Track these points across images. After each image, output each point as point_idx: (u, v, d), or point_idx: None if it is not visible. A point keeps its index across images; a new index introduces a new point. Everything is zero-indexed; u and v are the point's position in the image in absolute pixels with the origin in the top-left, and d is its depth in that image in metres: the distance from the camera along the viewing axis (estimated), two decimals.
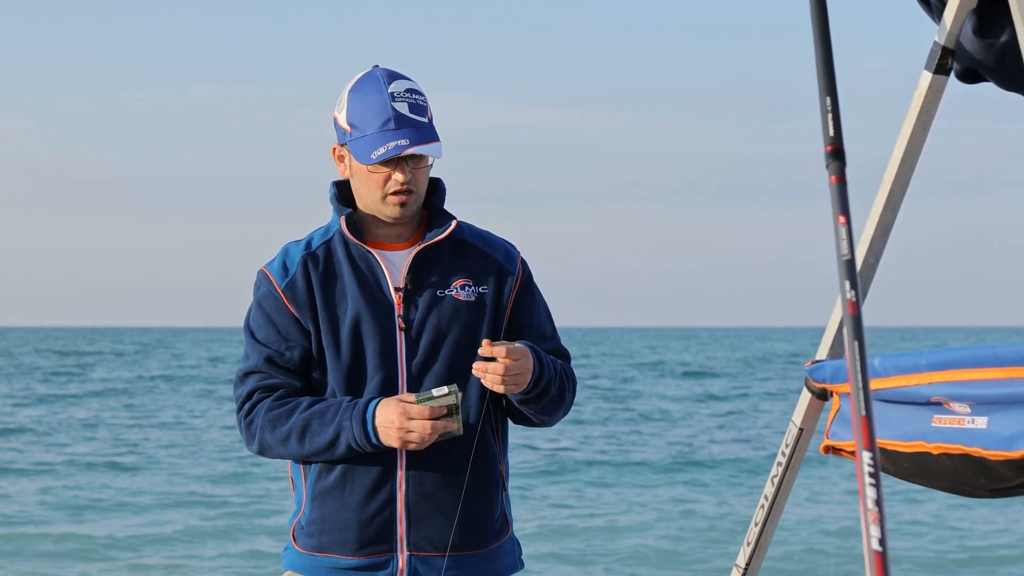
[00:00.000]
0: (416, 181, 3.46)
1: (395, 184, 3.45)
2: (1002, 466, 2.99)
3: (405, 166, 3.44)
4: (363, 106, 3.45)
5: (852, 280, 2.24)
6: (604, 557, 13.63)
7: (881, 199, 3.39)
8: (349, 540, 3.46)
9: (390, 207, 3.47)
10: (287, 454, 3.47)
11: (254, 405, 3.49)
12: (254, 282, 3.54)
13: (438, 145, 3.46)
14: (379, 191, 3.46)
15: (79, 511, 16.47)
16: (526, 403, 3.45)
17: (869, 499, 2.12)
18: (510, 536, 3.59)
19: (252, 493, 17.81)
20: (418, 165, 3.46)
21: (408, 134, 3.41)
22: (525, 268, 3.59)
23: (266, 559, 13.19)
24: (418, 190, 3.48)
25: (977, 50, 3.20)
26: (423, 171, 3.48)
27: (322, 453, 3.43)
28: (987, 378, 2.99)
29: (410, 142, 3.41)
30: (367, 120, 3.44)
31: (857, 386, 2.19)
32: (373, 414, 3.38)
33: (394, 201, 3.46)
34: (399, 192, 3.45)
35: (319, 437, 3.41)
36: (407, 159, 3.44)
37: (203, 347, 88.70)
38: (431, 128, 3.46)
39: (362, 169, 3.47)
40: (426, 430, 3.33)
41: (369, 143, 3.43)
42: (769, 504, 3.62)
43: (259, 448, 3.50)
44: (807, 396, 3.53)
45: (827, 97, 2.37)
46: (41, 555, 13.61)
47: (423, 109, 3.47)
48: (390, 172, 3.44)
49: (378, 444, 3.38)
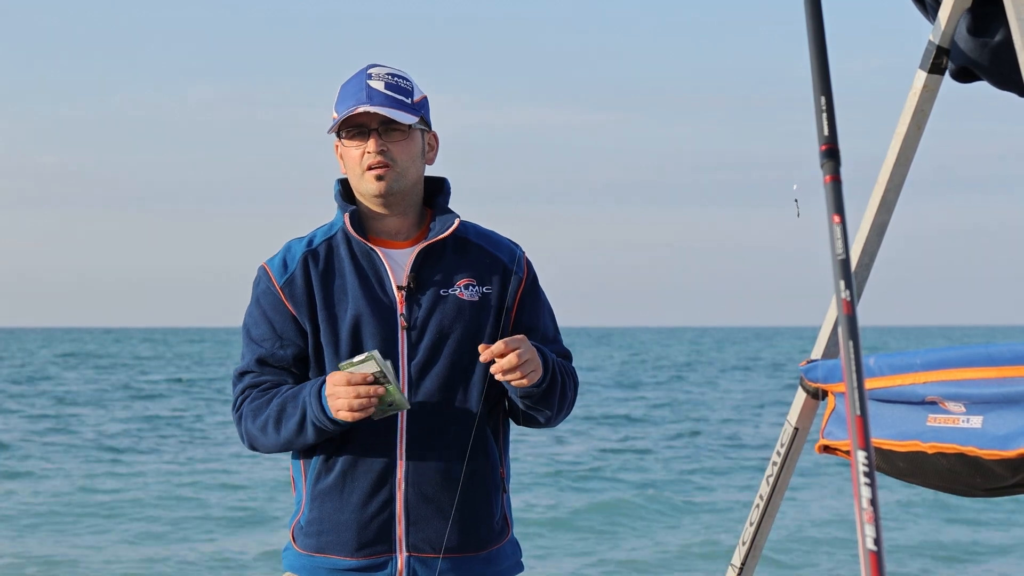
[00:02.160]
0: (393, 155, 3.44)
1: (369, 157, 3.43)
2: (997, 465, 2.99)
3: (376, 137, 3.43)
4: (344, 92, 3.47)
5: (847, 280, 2.24)
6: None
7: (876, 199, 3.39)
8: (348, 541, 3.45)
9: (369, 182, 3.44)
10: (272, 443, 3.45)
11: (243, 402, 3.49)
12: (254, 278, 3.54)
13: (407, 115, 3.43)
14: (358, 167, 3.45)
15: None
16: (534, 399, 3.42)
17: (864, 499, 2.12)
18: (510, 538, 3.58)
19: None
20: (392, 139, 3.44)
21: (373, 101, 3.41)
22: (530, 269, 3.57)
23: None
24: (398, 165, 3.44)
25: (972, 49, 3.20)
26: (400, 144, 3.45)
27: (297, 437, 3.40)
28: (982, 377, 2.99)
29: (371, 104, 3.40)
30: (345, 101, 3.45)
31: (852, 386, 2.19)
32: (323, 391, 3.35)
33: (371, 176, 3.44)
34: (374, 166, 3.43)
35: (291, 420, 3.39)
36: (380, 132, 3.43)
37: (221, 347, 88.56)
38: (406, 104, 3.44)
39: (345, 152, 3.47)
40: (350, 395, 3.28)
41: (338, 116, 3.45)
42: (764, 503, 3.62)
43: (249, 442, 3.51)
44: (802, 396, 3.53)
45: (822, 97, 2.37)
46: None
47: (404, 91, 3.45)
48: (363, 143, 3.44)
49: (335, 419, 3.34)
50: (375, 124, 3.44)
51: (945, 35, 3.24)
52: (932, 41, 3.26)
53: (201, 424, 29.36)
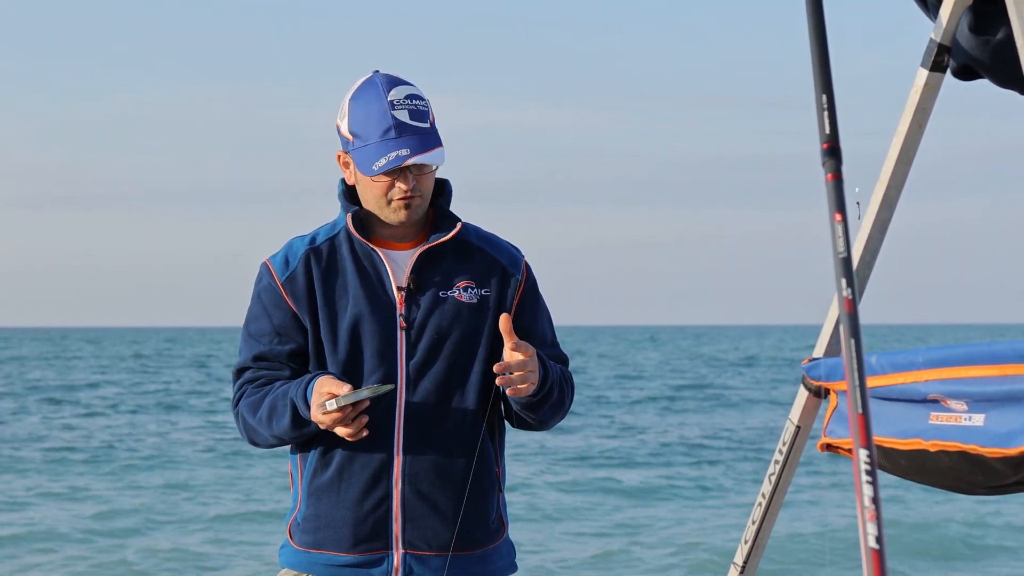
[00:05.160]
0: (420, 187, 3.46)
1: (399, 192, 3.45)
2: (999, 463, 2.99)
3: (408, 175, 3.44)
4: (364, 115, 3.44)
5: (849, 278, 2.24)
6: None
7: (878, 197, 3.39)
8: (344, 537, 3.46)
9: (395, 213, 3.47)
10: (268, 436, 3.47)
11: (240, 399, 3.51)
12: (257, 275, 3.55)
13: (440, 151, 3.44)
14: (383, 198, 3.46)
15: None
16: (530, 407, 3.45)
17: (866, 497, 2.12)
18: (505, 538, 3.59)
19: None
20: (422, 172, 3.46)
21: (409, 143, 3.40)
22: (529, 273, 3.58)
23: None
24: (423, 195, 3.48)
25: (973, 47, 3.21)
26: (427, 177, 3.48)
27: (289, 432, 3.43)
28: (984, 375, 2.99)
29: (411, 151, 3.40)
30: (368, 130, 3.43)
31: (854, 384, 2.19)
32: (311, 390, 3.38)
33: (398, 207, 3.46)
34: (403, 198, 3.45)
35: (284, 418, 3.42)
36: (410, 167, 3.44)
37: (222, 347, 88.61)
38: (433, 134, 3.44)
39: (366, 178, 3.47)
40: (332, 422, 3.34)
41: (371, 153, 3.42)
42: (767, 502, 3.62)
43: (248, 437, 3.53)
44: (804, 394, 3.53)
45: (823, 95, 2.37)
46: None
47: (424, 115, 3.45)
48: (393, 180, 3.44)
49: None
50: (410, 164, 3.44)
51: (947, 33, 3.24)
52: (933, 39, 3.26)
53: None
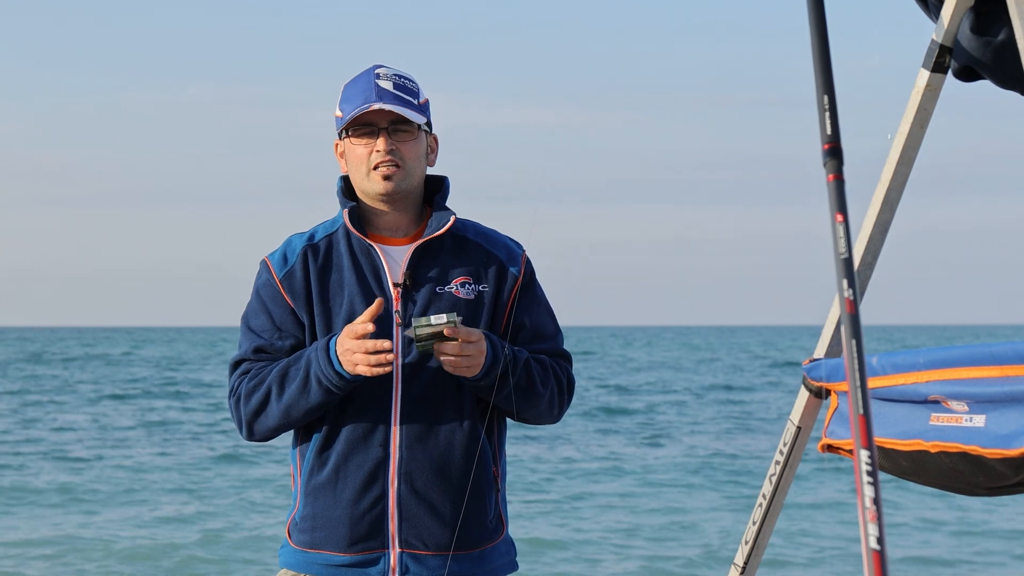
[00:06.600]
0: (402, 155, 3.46)
1: (377, 156, 3.45)
2: (1000, 464, 2.99)
3: (386, 137, 3.45)
4: (351, 91, 3.50)
5: (850, 278, 2.24)
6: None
7: (879, 197, 3.40)
8: (341, 537, 3.47)
9: (376, 181, 3.46)
10: (271, 415, 3.45)
11: (240, 384, 3.51)
12: (256, 271, 3.56)
13: (413, 113, 3.46)
14: (364, 166, 3.47)
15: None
16: (481, 391, 3.43)
17: (867, 498, 2.12)
18: (504, 537, 3.59)
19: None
20: (401, 139, 3.47)
21: (383, 96, 3.44)
22: (527, 267, 3.58)
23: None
24: (405, 165, 3.47)
25: (975, 48, 3.21)
26: (409, 144, 3.47)
27: (298, 399, 3.41)
28: (985, 376, 2.99)
29: (382, 103, 3.43)
30: (352, 100, 3.47)
31: (855, 384, 2.19)
32: (335, 343, 3.38)
33: (378, 175, 3.46)
34: (382, 164, 3.45)
35: (295, 382, 3.41)
36: (389, 131, 3.45)
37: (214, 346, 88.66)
38: (414, 104, 3.47)
39: (350, 149, 3.48)
40: (364, 352, 3.32)
41: (346, 114, 3.47)
42: (767, 503, 3.62)
43: (247, 422, 3.50)
44: (805, 395, 3.53)
45: (824, 95, 2.37)
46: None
47: (411, 91, 3.49)
48: (371, 142, 3.46)
49: (344, 372, 3.37)
50: (384, 123, 3.46)
51: (948, 34, 3.24)
52: (935, 40, 3.26)
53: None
